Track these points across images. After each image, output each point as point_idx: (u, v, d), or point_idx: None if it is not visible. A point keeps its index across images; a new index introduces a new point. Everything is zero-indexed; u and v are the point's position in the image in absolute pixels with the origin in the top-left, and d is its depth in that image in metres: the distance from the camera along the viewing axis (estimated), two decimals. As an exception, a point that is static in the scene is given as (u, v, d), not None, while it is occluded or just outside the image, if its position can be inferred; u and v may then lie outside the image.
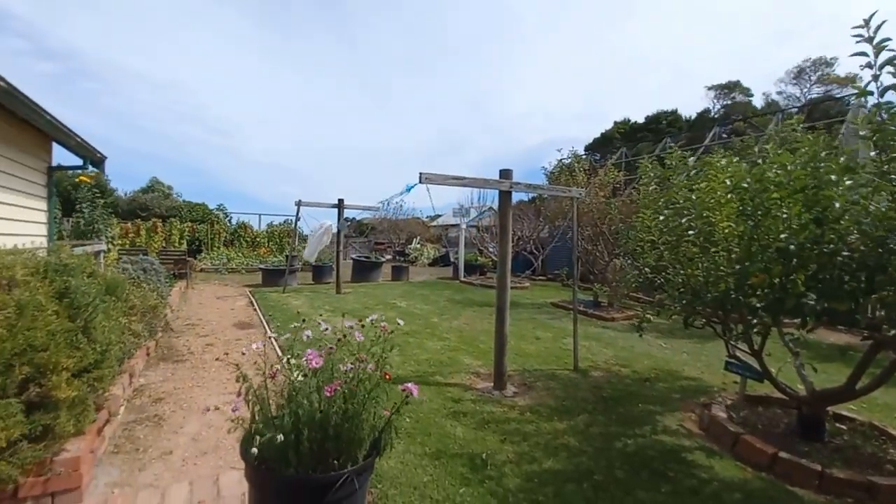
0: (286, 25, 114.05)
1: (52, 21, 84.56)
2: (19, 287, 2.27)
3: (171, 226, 18.00)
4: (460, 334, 6.50)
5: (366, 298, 9.76)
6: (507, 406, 3.88)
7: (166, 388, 4.07)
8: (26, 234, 4.85)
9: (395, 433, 1.86)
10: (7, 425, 2.01)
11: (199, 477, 2.66)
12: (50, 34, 78.76)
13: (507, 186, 4.19)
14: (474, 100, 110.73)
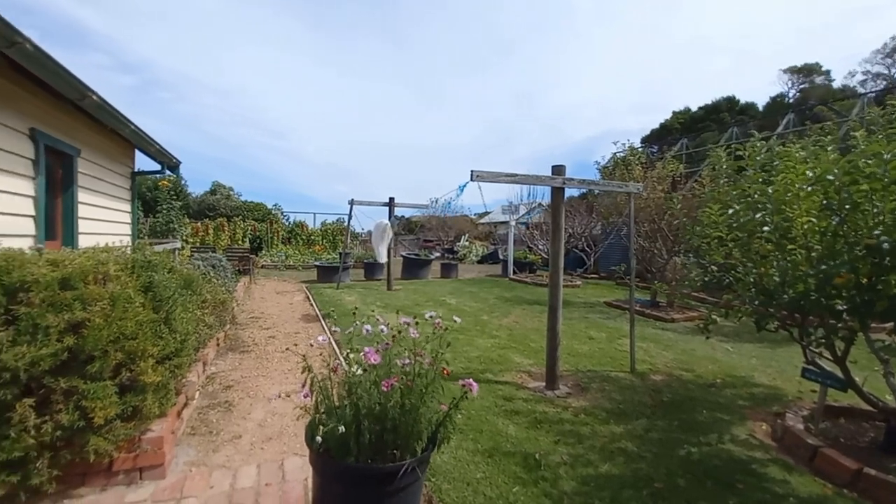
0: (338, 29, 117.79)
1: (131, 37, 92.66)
2: (112, 281, 2.51)
3: (235, 225, 19.21)
4: (510, 332, 6.45)
5: (416, 295, 9.92)
6: (560, 406, 3.80)
7: (235, 377, 4.36)
8: (115, 233, 5.37)
9: (452, 428, 1.88)
10: (105, 405, 2.24)
11: (265, 460, 2.83)
12: (128, 49, 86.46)
13: (559, 183, 4.09)
14: (524, 94, 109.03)
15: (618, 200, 9.16)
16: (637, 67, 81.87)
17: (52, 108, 3.71)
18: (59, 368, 2.21)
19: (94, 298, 2.33)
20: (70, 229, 4.18)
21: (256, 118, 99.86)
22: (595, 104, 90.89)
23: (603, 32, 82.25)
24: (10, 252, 2.50)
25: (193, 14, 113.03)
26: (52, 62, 2.75)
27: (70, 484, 2.40)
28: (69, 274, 2.36)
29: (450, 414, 1.93)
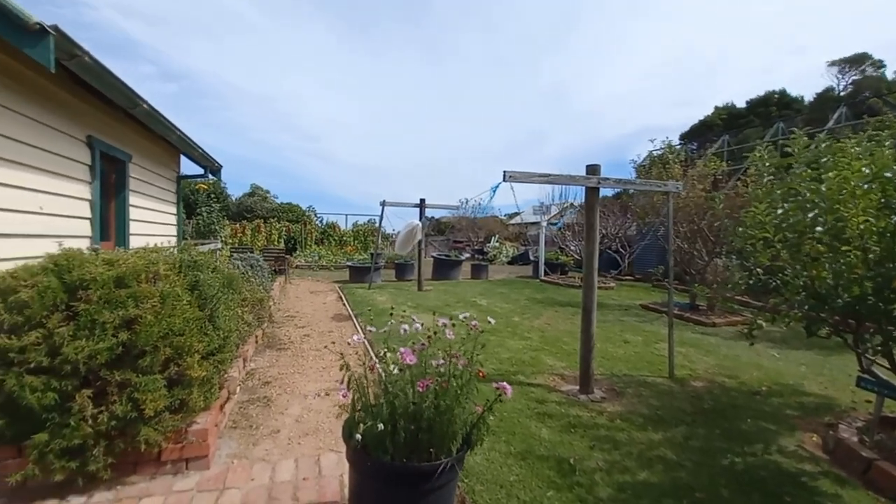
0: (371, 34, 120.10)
1: (174, 47, 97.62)
2: (162, 280, 2.65)
3: (271, 226, 19.84)
4: (542, 334, 6.37)
5: (446, 296, 9.94)
6: (595, 411, 3.72)
7: (272, 373, 4.49)
8: (162, 234, 5.65)
9: (486, 429, 1.88)
10: (155, 397, 2.36)
11: (302, 455, 2.90)
12: (172, 59, 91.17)
13: (594, 182, 4.01)
14: (554, 93, 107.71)
15: (654, 200, 8.88)
16: (674, 62, 79.15)
17: (107, 117, 3.95)
18: (114, 362, 2.35)
19: (146, 296, 2.46)
20: (122, 230, 4.44)
21: (291, 122, 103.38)
22: (629, 101, 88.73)
23: (637, 26, 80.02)
24: (71, 252, 2.67)
25: (232, 24, 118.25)
26: (108, 73, 2.93)
27: (123, 472, 2.53)
28: (123, 273, 2.50)
29: (484, 415, 1.93)
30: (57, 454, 2.23)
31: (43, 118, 2.96)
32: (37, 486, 2.34)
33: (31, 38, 2.22)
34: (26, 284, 2.30)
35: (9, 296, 2.27)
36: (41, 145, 2.93)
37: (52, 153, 3.06)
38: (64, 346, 2.21)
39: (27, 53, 2.25)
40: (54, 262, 2.50)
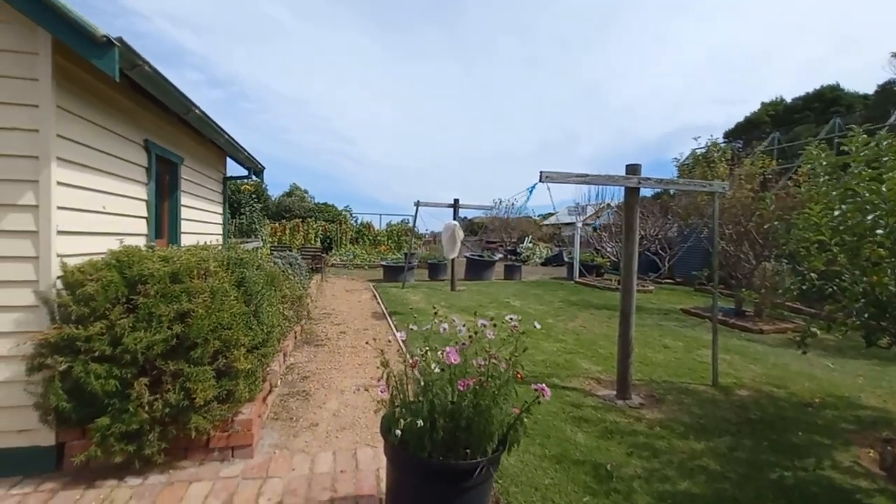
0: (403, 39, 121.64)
1: (220, 54, 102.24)
2: (212, 276, 2.79)
3: (308, 225, 20.42)
4: (577, 337, 6.26)
5: (479, 296, 9.93)
6: (633, 417, 3.63)
7: (310, 368, 4.64)
8: (210, 233, 5.93)
9: (523, 431, 1.87)
10: (205, 387, 2.49)
11: (340, 449, 2.98)
12: (218, 66, 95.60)
13: (634, 183, 3.91)
14: (589, 92, 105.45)
15: (698, 200, 8.54)
16: (716, 58, 75.65)
17: (162, 122, 4.20)
18: (169, 353, 2.50)
19: (198, 291, 2.60)
20: (174, 229, 4.70)
21: (327, 125, 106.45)
22: (667, 99, 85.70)
23: (677, 22, 77.15)
24: (131, 248, 2.86)
25: (272, 31, 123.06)
26: (165, 81, 3.12)
27: (174, 457, 2.69)
28: (178, 269, 2.65)
29: (521, 417, 1.92)
30: (117, 437, 2.39)
31: (107, 124, 3.18)
32: (98, 466, 2.52)
33: (99, 50, 2.39)
34: (92, 278, 2.48)
35: (77, 289, 2.46)
36: (105, 149, 3.15)
37: (114, 156, 3.28)
38: (124, 336, 2.37)
39: (95, 64, 2.43)
40: (116, 258, 2.68)
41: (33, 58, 2.51)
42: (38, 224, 2.52)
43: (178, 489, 2.45)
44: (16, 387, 2.48)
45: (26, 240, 2.52)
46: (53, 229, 2.54)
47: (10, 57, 2.48)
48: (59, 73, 2.58)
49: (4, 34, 2.47)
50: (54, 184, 2.54)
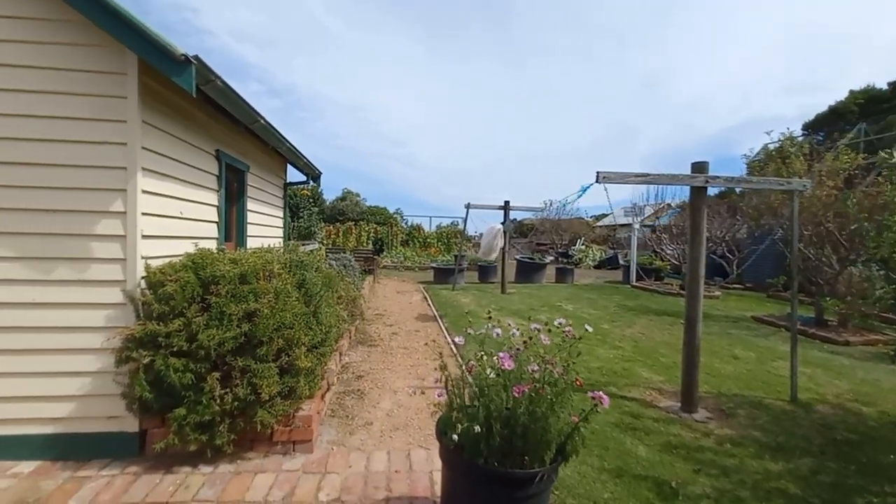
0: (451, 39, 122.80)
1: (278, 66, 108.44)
2: (276, 278, 2.93)
3: (360, 228, 21.04)
4: (635, 344, 5.98)
5: (530, 299, 9.76)
6: (700, 432, 3.40)
7: (364, 368, 4.75)
8: (272, 236, 6.27)
9: (581, 441, 1.80)
10: (269, 383, 2.62)
11: (393, 448, 3.03)
12: (276, 77, 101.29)
13: (701, 182, 3.67)
14: (646, 86, 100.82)
15: (771, 199, 7.88)
16: (789, 43, 69.47)
17: (230, 132, 4.48)
18: (238, 350, 2.65)
19: (264, 292, 2.74)
20: (241, 233, 5.00)
21: (378, 129, 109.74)
22: (733, 90, 79.96)
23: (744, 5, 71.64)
24: (204, 251, 3.07)
25: (326, 41, 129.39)
26: (235, 94, 3.33)
27: (241, 448, 2.84)
28: (245, 271, 2.81)
29: (579, 426, 1.85)
30: (192, 427, 2.57)
31: (183, 135, 3.44)
32: (175, 453, 2.72)
33: (178, 68, 2.60)
34: (171, 279, 2.68)
35: (158, 288, 2.67)
36: (182, 159, 3.41)
37: (189, 166, 3.55)
38: (199, 333, 2.55)
39: (174, 80, 2.64)
40: (192, 259, 2.89)
41: (123, 77, 2.76)
42: (126, 229, 2.76)
43: (245, 479, 2.59)
44: (107, 377, 2.74)
45: (115, 243, 2.77)
46: (139, 233, 2.78)
47: (104, 77, 2.75)
48: (143, 90, 2.82)
49: (99, 57, 2.74)
50: (140, 192, 2.78)
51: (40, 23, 2.70)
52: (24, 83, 2.70)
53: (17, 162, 2.70)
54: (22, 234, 2.71)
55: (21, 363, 2.72)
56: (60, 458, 2.75)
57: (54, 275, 2.73)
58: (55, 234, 2.73)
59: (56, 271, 2.73)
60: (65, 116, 2.73)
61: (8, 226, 2.69)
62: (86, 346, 2.74)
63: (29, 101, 2.70)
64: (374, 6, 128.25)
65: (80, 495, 2.40)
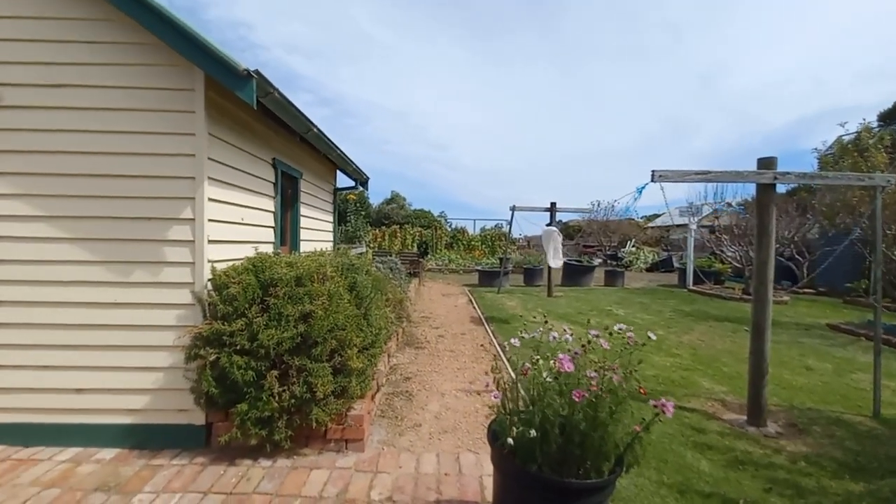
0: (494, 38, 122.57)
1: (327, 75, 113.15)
2: (329, 281, 3.03)
3: (406, 231, 21.39)
4: (694, 352, 5.66)
5: (578, 303, 9.51)
6: (770, 448, 3.16)
7: (412, 370, 4.81)
8: (323, 240, 6.50)
9: (643, 452, 1.72)
10: (324, 382, 2.71)
11: (442, 451, 3.03)
12: (325, 86, 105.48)
13: (769, 178, 3.42)
14: (703, 79, 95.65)
15: (848, 197, 7.23)
16: (866, 25, 63.30)
17: (285, 141, 4.70)
18: (294, 349, 2.76)
19: (318, 294, 2.84)
20: (295, 237, 5.23)
21: (423, 134, 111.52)
22: (801, 78, 73.85)
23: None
24: (263, 255, 3.23)
25: (371, 48, 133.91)
26: (291, 105, 3.49)
27: (298, 444, 2.95)
28: (301, 273, 2.92)
29: (640, 436, 1.77)
30: (253, 422, 2.70)
31: (244, 146, 3.64)
32: (237, 446, 2.87)
33: (241, 82, 2.76)
34: (234, 281, 2.84)
35: (223, 290, 2.83)
36: (243, 168, 3.61)
37: (249, 174, 3.75)
38: (259, 333, 2.67)
39: (237, 94, 2.80)
40: (252, 263, 3.05)
41: (191, 93, 2.96)
42: (194, 234, 2.96)
43: (302, 474, 2.69)
44: (178, 372, 2.94)
45: (185, 248, 2.97)
46: (205, 238, 2.96)
47: (175, 94, 2.97)
48: (208, 104, 3.01)
49: (171, 76, 2.96)
50: (206, 200, 2.97)
51: (120, 46, 2.95)
52: (107, 102, 2.96)
53: (103, 174, 2.96)
54: (106, 240, 2.97)
55: (104, 358, 2.98)
56: (137, 446, 2.97)
57: (133, 277, 2.97)
58: (134, 239, 2.97)
59: (134, 274, 2.97)
60: (142, 131, 2.96)
61: (94, 232, 2.96)
62: (159, 343, 2.96)
63: (111, 118, 2.96)
64: (418, 13, 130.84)
65: (154, 482, 2.59)
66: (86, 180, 2.96)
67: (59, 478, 2.62)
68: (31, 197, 2.95)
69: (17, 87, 2.93)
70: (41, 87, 2.94)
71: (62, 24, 2.92)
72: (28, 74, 2.93)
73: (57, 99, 2.94)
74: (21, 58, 2.92)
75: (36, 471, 2.69)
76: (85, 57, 2.94)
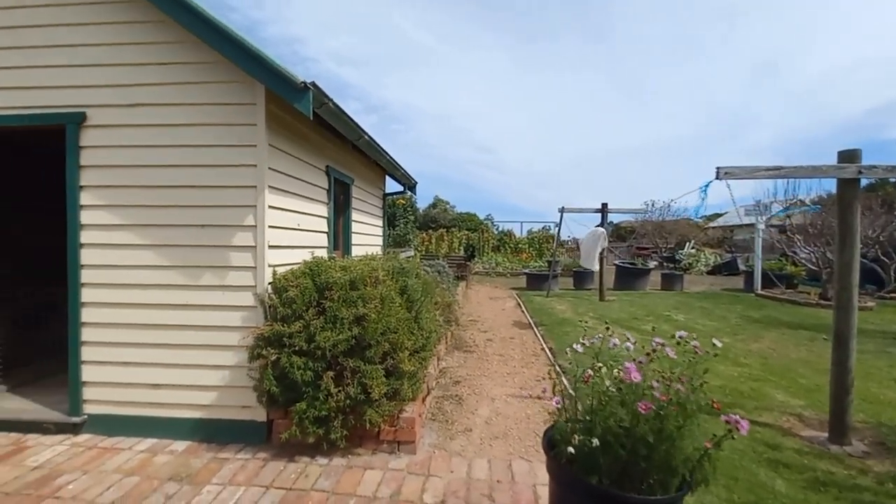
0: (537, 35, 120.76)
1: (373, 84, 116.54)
2: (381, 284, 3.09)
3: (452, 235, 21.47)
4: (765, 361, 5.24)
5: (633, 308, 9.11)
6: (855, 468, 2.87)
7: (461, 374, 4.80)
8: (373, 244, 6.66)
9: (714, 469, 1.61)
10: (377, 384, 2.76)
11: (494, 457, 2.99)
12: (372, 94, 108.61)
13: (852, 172, 3.12)
14: (764, 67, 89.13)
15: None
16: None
17: (338, 148, 4.87)
18: (349, 351, 2.83)
19: (371, 298, 2.91)
20: (347, 241, 5.40)
21: (468, 137, 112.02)
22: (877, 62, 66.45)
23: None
24: (319, 259, 3.35)
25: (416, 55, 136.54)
26: (344, 114, 3.61)
27: (352, 443, 3.02)
28: (354, 277, 3.00)
29: (708, 452, 1.65)
30: (311, 420, 2.80)
31: (300, 155, 3.81)
32: (296, 444, 2.98)
33: (298, 94, 2.89)
34: (293, 285, 2.97)
35: (283, 293, 2.97)
36: (299, 176, 3.78)
37: (305, 182, 3.92)
38: (317, 334, 2.77)
39: (295, 106, 2.93)
40: (309, 267, 3.17)
41: (253, 107, 3.13)
42: (256, 240, 3.12)
43: (356, 473, 2.75)
44: (241, 371, 3.10)
45: (248, 253, 3.14)
46: (266, 244, 3.12)
47: (239, 108, 3.15)
48: (268, 116, 3.17)
49: (235, 91, 3.15)
50: (267, 207, 3.13)
51: (190, 66, 3.18)
52: (177, 118, 3.19)
53: (175, 185, 3.20)
54: (178, 246, 3.20)
55: (177, 355, 3.21)
56: (205, 440, 3.17)
57: (202, 280, 3.17)
58: (203, 245, 3.18)
59: (203, 277, 3.18)
60: (208, 144, 3.17)
61: (168, 239, 3.20)
62: (226, 342, 3.15)
63: (181, 133, 3.20)
64: (461, 17, 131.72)
65: (221, 475, 2.74)
66: (160, 191, 3.21)
67: (138, 466, 2.84)
68: (114, 207, 3.24)
69: (101, 107, 3.23)
70: (121, 107, 3.22)
71: (139, 48, 3.19)
72: (110, 96, 3.22)
73: (134, 117, 3.22)
74: (104, 81, 3.22)
75: (118, 459, 2.93)
76: (158, 77, 3.19)
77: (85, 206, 3.23)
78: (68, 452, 3.01)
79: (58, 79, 3.23)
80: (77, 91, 3.23)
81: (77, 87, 3.23)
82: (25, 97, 3.25)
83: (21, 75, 3.26)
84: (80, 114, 3.21)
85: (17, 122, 3.27)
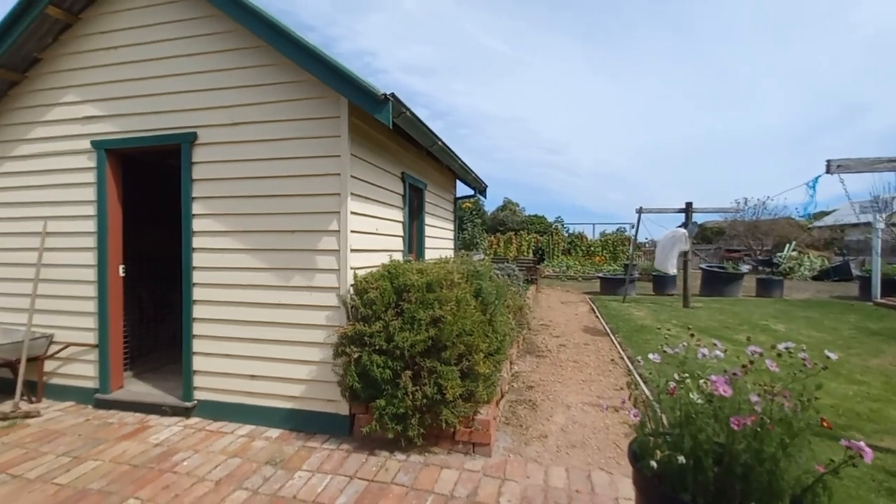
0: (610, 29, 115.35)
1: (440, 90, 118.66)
2: (456, 287, 3.15)
3: (521, 238, 21.18)
4: (887, 379, 4.58)
5: (722, 316, 8.38)
6: None
7: (534, 378, 4.73)
8: (445, 247, 6.80)
9: (828, 498, 1.44)
10: (453, 385, 2.82)
11: (571, 466, 2.92)
12: (439, 100, 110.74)
13: None
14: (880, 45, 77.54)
15: None
16: None
17: (412, 155, 5.04)
18: (426, 352, 2.92)
19: (446, 300, 2.97)
20: (420, 245, 5.57)
21: (536, 139, 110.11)
22: None
23: None
24: (396, 262, 3.49)
25: (482, 60, 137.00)
26: (420, 122, 3.74)
27: (428, 442, 3.10)
28: (431, 280, 3.09)
29: (823, 478, 1.49)
30: (390, 417, 2.92)
31: (378, 163, 4.00)
32: (376, 438, 3.13)
33: (379, 106, 3.05)
34: (373, 287, 3.12)
35: (363, 295, 3.13)
36: (378, 183, 3.97)
37: (383, 188, 4.11)
38: (395, 335, 2.89)
39: (375, 117, 3.10)
40: (387, 270, 3.31)
41: (337, 120, 3.35)
42: (339, 244, 3.33)
43: (433, 471, 2.82)
44: (327, 367, 3.32)
45: (332, 256, 3.36)
46: (348, 248, 3.32)
47: (326, 122, 3.38)
48: (350, 127, 3.37)
49: (322, 106, 3.39)
50: (349, 213, 3.33)
51: (282, 86, 3.47)
52: (272, 133, 3.50)
53: (269, 195, 3.51)
54: (271, 250, 3.50)
55: (271, 350, 3.50)
56: (295, 429, 3.42)
57: (292, 282, 3.45)
58: (293, 249, 3.45)
59: (293, 279, 3.45)
60: (297, 156, 3.44)
61: (262, 243, 3.51)
62: (313, 339, 3.38)
63: (275, 147, 3.50)
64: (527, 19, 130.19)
65: (310, 462, 2.95)
66: (255, 200, 3.54)
67: (240, 449, 3.14)
68: (218, 216, 3.62)
69: (208, 127, 3.64)
70: (224, 126, 3.60)
71: (241, 72, 3.55)
72: (216, 116, 3.61)
73: (235, 135, 3.57)
74: (211, 104, 3.62)
75: (223, 441, 3.27)
76: (256, 98, 3.52)
77: (196, 214, 3.66)
78: (182, 433, 3.41)
79: (176, 104, 3.69)
80: (189, 114, 3.67)
81: (190, 111, 3.66)
82: (152, 121, 3.75)
83: (149, 102, 3.76)
84: (193, 133, 3.64)
85: (150, 143, 3.78)
